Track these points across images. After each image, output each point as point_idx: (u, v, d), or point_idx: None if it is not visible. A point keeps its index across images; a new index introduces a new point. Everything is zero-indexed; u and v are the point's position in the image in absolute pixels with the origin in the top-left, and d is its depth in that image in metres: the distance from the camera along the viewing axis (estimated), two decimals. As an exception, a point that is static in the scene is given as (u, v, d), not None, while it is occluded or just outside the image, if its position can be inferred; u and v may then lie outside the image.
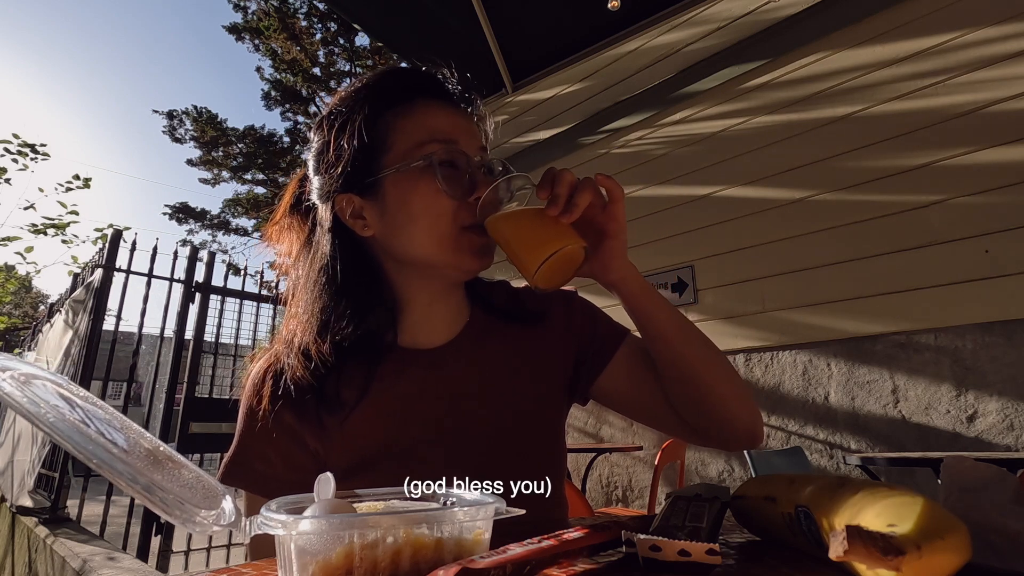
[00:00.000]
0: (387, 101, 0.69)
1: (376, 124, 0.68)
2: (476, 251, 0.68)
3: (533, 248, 0.61)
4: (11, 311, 8.51)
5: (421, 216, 0.66)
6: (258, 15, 14.88)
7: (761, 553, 0.44)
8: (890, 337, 2.41)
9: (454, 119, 0.70)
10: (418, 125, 0.68)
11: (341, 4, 3.86)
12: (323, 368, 0.66)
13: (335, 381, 0.66)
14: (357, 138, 0.67)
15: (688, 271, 3.03)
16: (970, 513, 0.39)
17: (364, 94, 0.70)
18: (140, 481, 0.33)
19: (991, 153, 2.26)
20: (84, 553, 2.44)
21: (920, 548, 0.29)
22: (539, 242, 0.60)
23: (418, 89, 0.71)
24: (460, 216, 0.66)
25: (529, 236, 0.62)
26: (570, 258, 0.62)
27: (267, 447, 0.67)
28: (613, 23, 3.62)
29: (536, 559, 0.35)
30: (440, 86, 0.73)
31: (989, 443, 2.13)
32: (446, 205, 0.66)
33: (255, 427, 0.67)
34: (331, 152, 0.69)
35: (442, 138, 0.67)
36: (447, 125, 0.69)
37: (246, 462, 0.67)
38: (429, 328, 0.73)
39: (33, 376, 0.39)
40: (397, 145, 0.68)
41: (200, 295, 3.55)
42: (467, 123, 0.71)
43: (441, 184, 0.65)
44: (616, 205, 0.64)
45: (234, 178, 16.78)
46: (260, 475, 0.67)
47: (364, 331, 0.68)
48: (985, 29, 2.35)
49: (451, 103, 0.72)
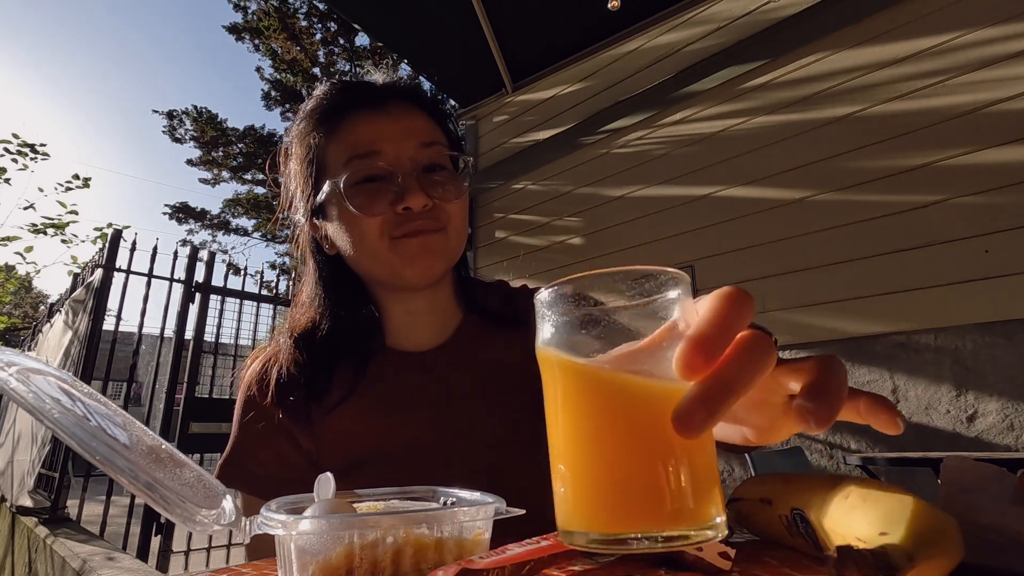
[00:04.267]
0: (321, 122, 0.70)
1: (316, 148, 0.69)
2: (415, 255, 0.66)
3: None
4: (11, 311, 8.50)
5: (350, 236, 0.67)
6: (258, 15, 14.87)
7: (760, 553, 0.44)
8: (890, 337, 2.41)
9: (378, 125, 0.68)
10: (341, 143, 0.68)
11: (341, 4, 3.86)
12: (314, 364, 0.69)
13: (325, 378, 0.69)
14: (305, 164, 0.70)
15: (688, 271, 3.03)
16: (970, 513, 0.39)
17: (305, 119, 0.72)
18: (141, 478, 0.33)
19: (991, 153, 2.26)
20: (84, 553, 2.44)
21: (913, 559, 0.29)
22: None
23: (345, 103, 0.70)
24: (387, 228, 0.66)
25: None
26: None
27: (261, 448, 0.68)
28: (613, 23, 3.62)
29: (535, 559, 0.35)
30: (364, 93, 0.71)
31: (989, 443, 2.13)
32: (368, 223, 0.65)
33: (249, 428, 0.69)
34: (294, 180, 0.73)
35: (362, 151, 0.66)
36: (369, 135, 0.67)
37: (240, 463, 0.68)
38: (415, 332, 0.75)
39: (37, 371, 0.39)
40: (330, 167, 0.69)
41: (200, 295, 3.55)
42: (393, 125, 0.68)
43: (352, 207, 0.65)
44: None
45: (234, 178, 16.77)
46: (254, 476, 0.68)
47: (350, 333, 0.71)
48: (985, 29, 2.35)
49: (377, 108, 0.69)
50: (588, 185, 3.63)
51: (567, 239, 3.67)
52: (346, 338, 0.71)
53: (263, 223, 16.92)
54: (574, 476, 0.31)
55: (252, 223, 17.29)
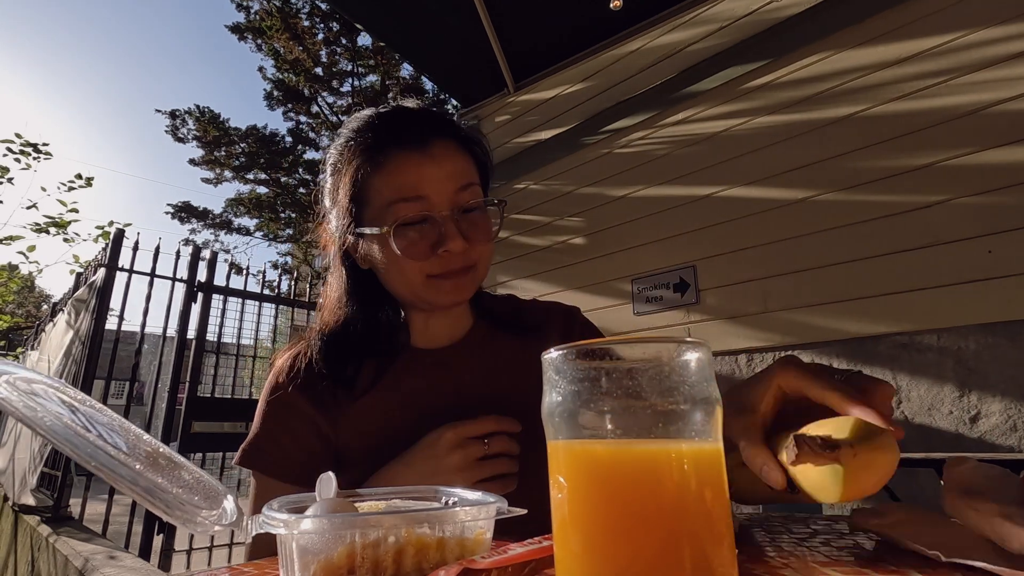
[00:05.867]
0: (366, 154, 0.73)
1: (358, 178, 0.73)
2: (446, 293, 0.73)
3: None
4: (14, 310, 8.52)
5: (390, 271, 0.73)
6: (260, 15, 14.88)
7: (762, 553, 0.44)
8: (893, 337, 2.40)
9: (422, 170, 0.71)
10: (386, 183, 0.72)
11: (343, 4, 3.86)
12: (341, 359, 0.76)
13: (352, 371, 0.75)
14: (346, 191, 0.74)
15: (690, 271, 3.03)
16: (973, 515, 0.39)
17: (350, 146, 0.75)
18: (141, 483, 0.33)
19: (994, 153, 2.26)
20: (86, 552, 2.45)
21: (854, 447, 0.36)
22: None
23: (390, 138, 0.73)
24: (427, 268, 0.72)
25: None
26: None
27: (283, 433, 0.73)
28: (615, 23, 3.62)
29: (537, 559, 0.35)
30: (409, 128, 0.74)
31: (992, 444, 2.13)
32: (411, 265, 0.71)
33: (274, 414, 0.74)
34: (330, 197, 0.78)
35: (410, 195, 0.70)
36: (414, 180, 0.71)
37: (262, 447, 0.73)
38: (433, 332, 0.82)
39: (31, 381, 0.39)
40: (372, 201, 0.73)
41: (202, 294, 3.55)
42: (436, 169, 0.71)
43: (399, 251, 0.70)
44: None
45: (236, 178, 16.80)
46: (274, 460, 0.72)
47: (375, 333, 0.79)
48: (988, 29, 2.34)
49: (421, 149, 0.72)
50: (590, 185, 3.62)
51: (569, 239, 3.67)
52: (371, 337, 0.78)
53: (265, 223, 16.94)
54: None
55: (254, 223, 17.32)
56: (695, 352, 0.29)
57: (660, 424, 0.28)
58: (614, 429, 0.28)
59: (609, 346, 0.29)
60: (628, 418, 0.28)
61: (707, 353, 0.30)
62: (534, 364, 0.35)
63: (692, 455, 0.28)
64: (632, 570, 0.27)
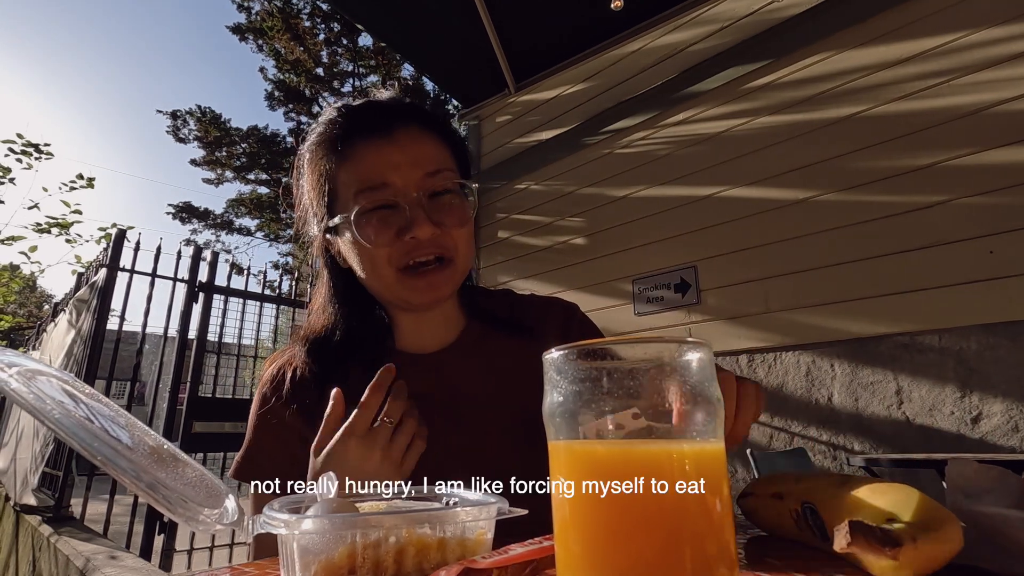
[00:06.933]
0: (332, 148, 0.72)
1: (327, 173, 0.72)
2: (421, 291, 0.70)
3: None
4: (16, 310, 8.53)
5: (361, 264, 0.71)
6: (261, 15, 14.90)
7: (766, 551, 0.44)
8: (894, 338, 2.40)
9: (386, 156, 0.70)
10: (351, 174, 0.71)
11: (344, 4, 3.86)
12: (327, 366, 0.73)
13: (339, 379, 0.71)
14: (317, 187, 0.73)
15: (691, 271, 3.03)
16: (975, 515, 0.39)
17: (316, 142, 0.74)
18: (144, 479, 0.33)
19: (996, 154, 2.25)
20: (87, 552, 2.45)
21: (916, 540, 0.32)
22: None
23: (354, 129, 0.72)
24: (395, 259, 0.69)
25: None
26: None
27: (276, 445, 0.73)
28: (616, 23, 3.61)
29: (538, 559, 0.35)
30: (372, 118, 0.72)
31: (994, 444, 2.12)
32: (377, 253, 0.69)
33: (264, 426, 0.73)
34: (305, 197, 0.77)
35: (375, 183, 0.69)
36: (377, 167, 0.69)
37: (256, 459, 0.73)
38: (422, 336, 0.79)
39: (38, 372, 0.39)
40: (340, 195, 0.72)
41: (203, 295, 3.56)
42: (401, 155, 0.70)
43: (362, 239, 0.68)
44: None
45: (237, 178, 16.81)
46: (269, 473, 0.71)
47: (361, 337, 0.76)
48: (990, 29, 2.34)
49: (384, 136, 0.71)
50: (591, 185, 3.62)
51: (570, 239, 3.66)
52: (357, 342, 0.76)
53: (266, 223, 16.95)
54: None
55: (255, 223, 17.33)
56: (696, 352, 0.29)
57: (661, 424, 0.28)
58: (615, 429, 0.28)
59: (610, 346, 0.29)
60: (629, 418, 0.28)
61: (708, 353, 0.29)
62: (531, 365, 0.35)
63: (694, 455, 0.28)
64: (633, 571, 0.26)
